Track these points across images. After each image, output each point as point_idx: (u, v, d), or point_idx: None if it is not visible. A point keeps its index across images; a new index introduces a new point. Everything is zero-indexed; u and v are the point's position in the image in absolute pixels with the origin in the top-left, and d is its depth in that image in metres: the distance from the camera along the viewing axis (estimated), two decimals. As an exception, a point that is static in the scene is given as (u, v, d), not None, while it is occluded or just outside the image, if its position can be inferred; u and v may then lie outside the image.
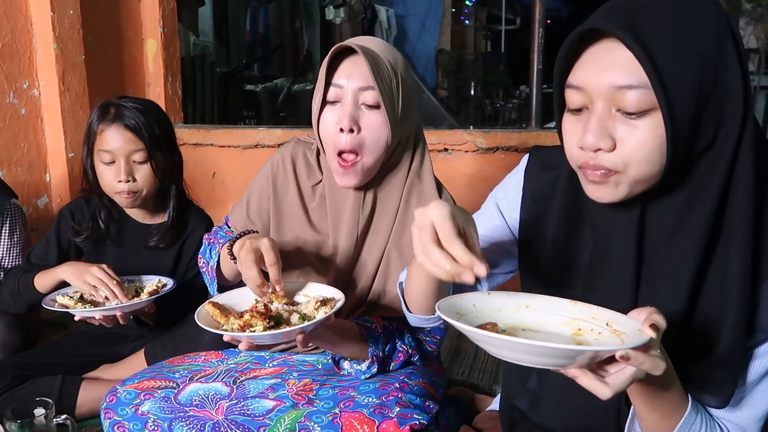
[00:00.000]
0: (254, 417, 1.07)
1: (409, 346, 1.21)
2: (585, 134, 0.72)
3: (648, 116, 0.69)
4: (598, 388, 0.65)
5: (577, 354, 0.62)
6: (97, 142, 1.57)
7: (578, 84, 0.73)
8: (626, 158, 0.71)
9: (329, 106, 1.15)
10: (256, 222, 1.27)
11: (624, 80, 0.68)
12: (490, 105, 8.26)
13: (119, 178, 1.55)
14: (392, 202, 1.21)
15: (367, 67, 1.08)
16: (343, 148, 1.12)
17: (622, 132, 0.71)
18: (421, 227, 0.72)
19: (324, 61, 1.12)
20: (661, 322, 0.66)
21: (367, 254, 1.22)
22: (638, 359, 0.62)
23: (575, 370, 0.65)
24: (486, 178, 2.58)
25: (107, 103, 1.59)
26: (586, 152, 0.73)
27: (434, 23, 8.64)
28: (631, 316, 0.70)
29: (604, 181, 0.73)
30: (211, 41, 6.30)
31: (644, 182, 0.73)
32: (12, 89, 2.42)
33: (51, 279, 1.53)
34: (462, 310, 0.78)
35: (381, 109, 1.11)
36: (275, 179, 1.26)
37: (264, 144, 2.85)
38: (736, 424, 0.79)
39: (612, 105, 0.71)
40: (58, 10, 2.46)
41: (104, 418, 1.14)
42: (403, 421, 1.02)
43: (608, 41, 0.70)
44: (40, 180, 2.58)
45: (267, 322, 0.96)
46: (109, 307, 1.42)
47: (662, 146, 0.69)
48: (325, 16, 7.37)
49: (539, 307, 0.79)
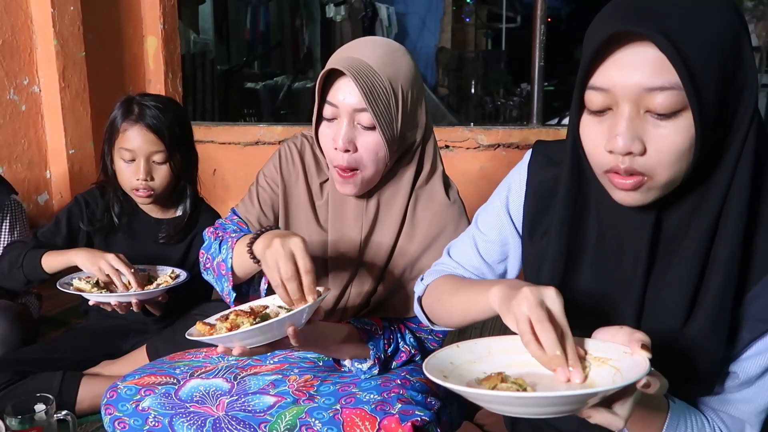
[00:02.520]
0: (255, 413, 1.07)
1: (411, 346, 1.20)
2: (614, 138, 0.70)
3: (678, 117, 0.68)
4: (612, 421, 0.66)
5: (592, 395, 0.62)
6: (118, 140, 1.59)
7: (603, 86, 0.71)
8: (657, 161, 0.70)
9: (325, 122, 1.13)
10: (269, 215, 1.25)
11: (654, 82, 0.67)
12: (490, 103, 8.26)
13: (138, 176, 1.58)
14: (398, 205, 1.20)
15: (358, 92, 1.05)
16: (339, 165, 1.11)
17: (652, 134, 0.69)
18: (535, 306, 0.69)
19: (318, 79, 1.10)
20: (646, 339, 0.66)
21: (372, 256, 1.21)
22: (656, 384, 0.64)
23: (588, 410, 0.66)
24: (487, 175, 2.58)
25: (130, 100, 1.61)
26: (616, 156, 0.71)
27: (435, 21, 8.64)
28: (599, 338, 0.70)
29: (636, 189, 0.72)
30: (212, 39, 6.30)
31: (673, 184, 0.72)
32: (12, 86, 2.41)
33: (61, 261, 1.53)
34: (445, 370, 0.73)
35: (377, 130, 1.09)
36: (284, 172, 1.24)
37: (264, 141, 2.85)
38: (737, 417, 0.78)
39: (641, 107, 0.69)
40: (59, 6, 2.46)
41: (105, 413, 1.14)
42: (404, 418, 1.02)
43: (636, 42, 0.68)
44: (40, 177, 2.58)
45: (254, 318, 0.94)
46: (126, 294, 1.43)
47: (691, 147, 0.69)
48: (326, 14, 7.38)
49: (515, 348, 0.74)
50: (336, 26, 7.56)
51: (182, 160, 1.63)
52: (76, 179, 2.60)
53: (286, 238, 0.97)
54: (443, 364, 0.73)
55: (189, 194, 1.69)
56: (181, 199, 1.70)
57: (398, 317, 1.21)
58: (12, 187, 1.83)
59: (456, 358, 0.75)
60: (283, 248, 0.95)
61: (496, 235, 0.96)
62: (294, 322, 0.94)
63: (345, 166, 1.11)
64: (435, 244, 1.18)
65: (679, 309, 0.76)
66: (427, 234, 1.18)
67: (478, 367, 0.75)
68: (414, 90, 1.13)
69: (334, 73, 1.09)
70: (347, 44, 1.15)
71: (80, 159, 2.65)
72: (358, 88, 1.04)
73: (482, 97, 8.46)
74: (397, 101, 1.10)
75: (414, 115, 1.15)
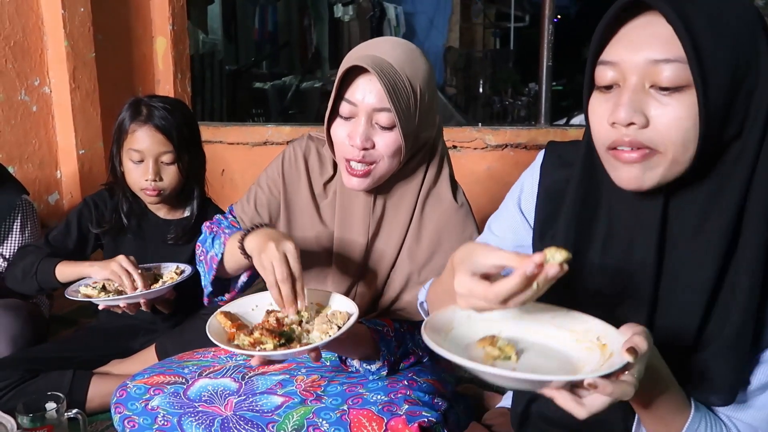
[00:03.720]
0: (263, 413, 1.07)
1: (419, 349, 1.20)
2: (617, 108, 0.71)
3: (682, 93, 0.69)
4: (573, 409, 0.65)
5: (547, 382, 0.64)
6: (127, 141, 1.61)
7: (612, 59, 0.72)
8: (663, 134, 0.70)
9: (341, 119, 1.12)
10: (263, 215, 1.26)
11: (661, 54, 0.68)
12: (498, 102, 8.23)
13: (147, 177, 1.59)
14: (405, 206, 1.20)
15: (383, 90, 1.05)
16: (353, 159, 1.11)
17: (655, 109, 0.70)
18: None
19: (338, 75, 1.10)
20: (642, 345, 0.64)
21: (378, 257, 1.21)
22: (606, 389, 0.63)
23: (551, 392, 0.66)
24: (495, 175, 2.57)
25: (138, 101, 1.62)
26: (618, 129, 0.72)
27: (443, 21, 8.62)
28: (622, 331, 0.69)
29: (642, 162, 0.71)
30: (220, 39, 6.31)
31: (678, 166, 0.71)
32: (23, 86, 2.43)
33: (75, 272, 1.56)
34: (455, 322, 0.78)
35: (395, 129, 1.09)
36: (286, 174, 1.25)
37: (273, 141, 2.86)
38: (749, 424, 0.78)
39: (646, 80, 0.70)
40: (69, 7, 2.48)
41: (114, 412, 1.15)
42: (411, 419, 1.02)
43: (646, 17, 0.70)
44: (51, 177, 2.60)
45: (278, 340, 0.94)
46: (133, 295, 1.46)
47: (695, 126, 0.69)
48: (334, 13, 7.37)
49: (537, 317, 0.78)
50: (344, 26, 7.55)
51: (190, 160, 1.64)
52: (86, 179, 2.62)
53: (280, 242, 0.99)
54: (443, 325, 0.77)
55: (197, 195, 1.70)
56: (189, 200, 1.72)
57: (407, 320, 1.21)
58: (23, 187, 1.85)
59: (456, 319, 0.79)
60: (278, 251, 0.97)
61: (511, 237, 0.95)
62: (318, 348, 0.94)
63: (360, 160, 1.10)
64: (442, 247, 1.17)
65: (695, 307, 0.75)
66: (434, 236, 1.18)
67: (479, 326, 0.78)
68: (430, 90, 1.14)
69: (352, 72, 1.09)
70: (364, 43, 1.14)
71: (90, 159, 2.67)
72: (382, 85, 1.04)
73: (490, 96, 8.43)
74: (416, 100, 1.10)
75: (428, 115, 1.15)
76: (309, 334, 0.98)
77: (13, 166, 2.41)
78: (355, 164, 1.11)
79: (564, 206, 0.86)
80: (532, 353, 0.75)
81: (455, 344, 0.75)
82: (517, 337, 0.77)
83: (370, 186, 1.14)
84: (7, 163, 2.36)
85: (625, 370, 0.64)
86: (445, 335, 0.76)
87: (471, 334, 0.77)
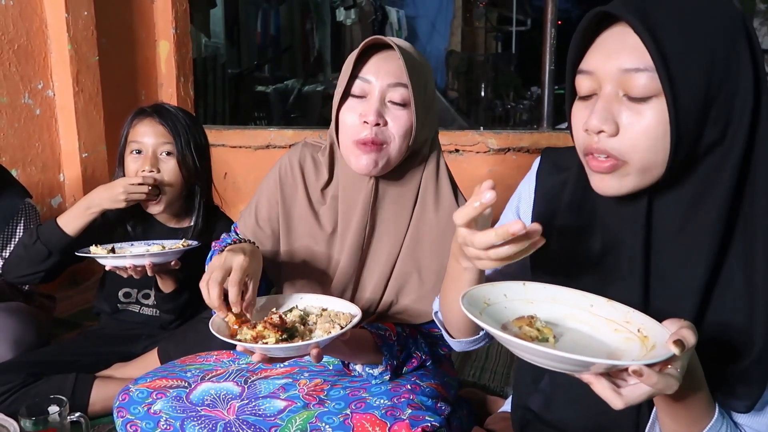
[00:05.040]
0: (265, 417, 1.07)
1: (423, 353, 1.20)
2: (590, 116, 0.73)
3: (653, 102, 0.70)
4: (610, 398, 0.63)
5: (590, 364, 0.62)
6: (129, 136, 1.61)
7: (588, 69, 0.74)
8: (630, 144, 0.71)
9: (352, 99, 1.13)
10: (265, 228, 1.26)
11: (632, 63, 0.69)
12: (500, 106, 8.24)
13: (144, 167, 1.57)
14: (405, 208, 1.20)
15: (402, 65, 1.07)
16: (365, 139, 1.10)
17: (626, 117, 0.71)
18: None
19: (353, 54, 1.11)
20: (690, 338, 0.63)
21: (378, 259, 1.21)
22: (651, 378, 0.60)
23: (589, 377, 0.64)
24: (497, 179, 2.56)
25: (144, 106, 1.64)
26: (591, 136, 0.74)
27: (445, 24, 8.63)
28: (666, 325, 0.68)
29: (609, 173, 0.74)
30: (223, 43, 6.33)
31: (650, 172, 0.72)
32: (27, 90, 2.44)
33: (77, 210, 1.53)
34: (491, 299, 0.78)
35: (409, 107, 1.10)
36: (283, 184, 1.25)
37: (275, 144, 2.86)
38: (757, 431, 0.77)
39: (619, 89, 0.72)
40: (73, 11, 2.49)
41: (117, 416, 1.14)
42: (414, 423, 1.02)
43: (621, 25, 0.71)
44: (54, 180, 2.61)
45: (280, 334, 0.94)
46: (140, 254, 1.43)
47: (666, 134, 0.70)
48: (336, 17, 7.39)
49: (574, 303, 0.78)
50: (346, 30, 7.57)
51: (192, 160, 1.62)
52: (89, 182, 2.63)
53: (233, 254, 1.00)
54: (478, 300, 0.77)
55: (202, 202, 1.69)
56: (194, 208, 1.70)
57: (408, 323, 1.21)
58: (26, 191, 1.85)
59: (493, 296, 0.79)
60: (225, 261, 0.99)
61: None
62: (319, 345, 0.94)
63: (371, 139, 1.10)
64: (442, 248, 1.17)
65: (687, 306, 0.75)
66: (434, 237, 1.18)
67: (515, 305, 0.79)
68: (432, 85, 1.17)
69: (365, 53, 1.11)
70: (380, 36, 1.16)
71: (93, 162, 2.68)
72: (402, 59, 1.06)
73: (492, 100, 8.44)
74: (426, 87, 1.13)
75: (430, 109, 1.17)
76: (312, 333, 0.98)
77: (17, 169, 2.42)
78: (368, 144, 1.11)
79: (560, 209, 0.87)
80: (569, 338, 0.75)
81: (492, 320, 0.74)
82: (554, 321, 0.77)
83: (379, 169, 1.13)
84: (11, 166, 2.37)
85: (668, 363, 0.62)
86: (481, 310, 0.76)
87: (507, 314, 0.77)
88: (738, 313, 0.73)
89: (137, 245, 1.59)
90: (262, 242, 1.25)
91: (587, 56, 0.75)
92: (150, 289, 1.70)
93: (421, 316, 1.20)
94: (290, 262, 1.25)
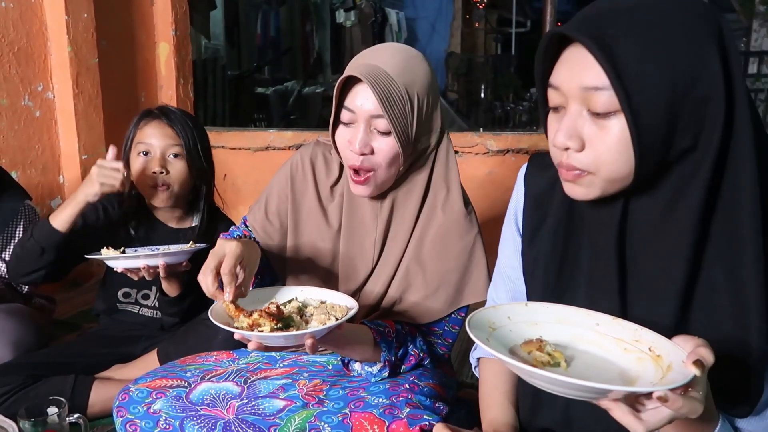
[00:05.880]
0: (265, 417, 1.07)
1: (420, 350, 1.20)
2: (556, 133, 0.74)
3: (615, 117, 0.70)
4: (631, 423, 0.61)
5: (609, 391, 0.60)
6: (136, 137, 1.61)
7: (555, 84, 0.75)
8: (595, 159, 0.73)
9: (342, 126, 1.16)
10: (274, 222, 1.28)
11: (592, 81, 0.70)
12: (500, 107, 8.25)
13: (154, 169, 1.58)
14: (411, 208, 1.21)
15: (375, 99, 1.08)
16: (354, 166, 1.14)
17: (590, 132, 0.72)
18: None
19: (337, 85, 1.13)
20: (708, 358, 0.61)
21: (384, 259, 1.22)
22: (676, 404, 0.58)
23: (608, 403, 0.62)
24: (496, 180, 2.57)
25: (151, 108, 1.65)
26: (560, 151, 0.75)
27: (444, 26, 8.64)
28: (678, 342, 0.66)
29: (577, 181, 0.76)
30: (222, 44, 6.34)
31: (617, 182, 0.74)
32: (27, 92, 2.45)
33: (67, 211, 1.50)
34: (495, 323, 0.76)
35: (392, 136, 1.11)
36: (294, 180, 1.27)
37: (274, 146, 2.87)
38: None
39: (583, 105, 0.72)
40: (73, 13, 2.49)
41: (117, 416, 1.15)
42: (413, 422, 1.02)
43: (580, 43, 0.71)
44: (53, 182, 2.61)
45: (275, 323, 0.96)
46: (153, 253, 1.43)
47: (629, 148, 0.70)
48: (336, 19, 7.40)
49: (580, 322, 0.76)
50: (346, 31, 7.58)
51: (202, 164, 1.64)
52: (89, 184, 2.63)
53: (226, 243, 1.03)
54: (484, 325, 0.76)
55: (204, 202, 1.70)
56: (197, 209, 1.71)
57: (411, 322, 1.21)
58: (26, 192, 1.85)
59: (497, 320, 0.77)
60: (218, 248, 1.02)
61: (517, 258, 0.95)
62: (315, 335, 0.95)
63: (359, 167, 1.13)
64: (446, 249, 1.18)
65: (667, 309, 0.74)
66: (439, 238, 1.19)
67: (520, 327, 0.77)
68: (429, 96, 1.16)
69: (352, 79, 1.12)
70: (366, 50, 1.17)
71: (93, 164, 2.68)
72: (375, 94, 1.07)
73: (492, 101, 8.45)
74: (413, 107, 1.12)
75: (429, 121, 1.17)
76: (308, 324, 0.99)
77: (16, 171, 2.42)
78: (355, 172, 1.15)
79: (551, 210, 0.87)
80: (582, 362, 0.72)
81: (499, 345, 0.72)
82: (562, 344, 0.75)
83: (373, 193, 1.17)
84: (11, 168, 2.37)
85: (689, 386, 0.60)
86: (488, 336, 0.74)
87: (513, 337, 0.75)
88: (725, 316, 0.72)
89: (141, 251, 1.58)
90: (271, 235, 1.28)
91: (555, 71, 0.75)
92: (149, 290, 1.70)
93: (424, 316, 1.20)
94: (296, 257, 1.26)
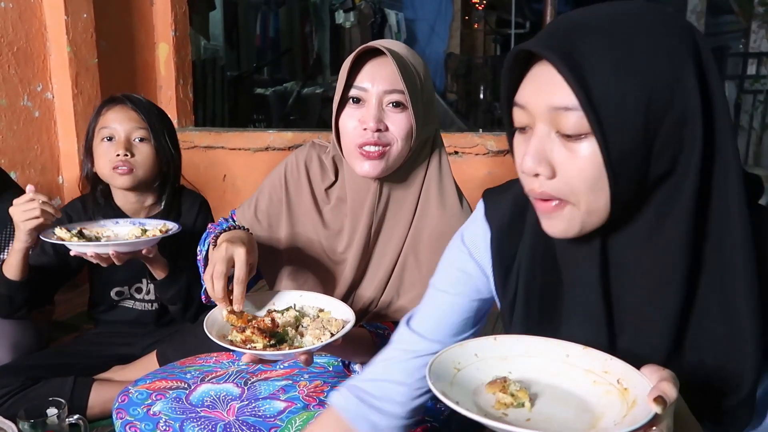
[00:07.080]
0: (265, 418, 1.07)
1: None
2: (524, 157, 0.68)
3: (586, 140, 0.64)
4: None
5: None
6: (99, 123, 1.56)
7: (522, 103, 0.69)
8: (568, 187, 0.66)
9: (350, 107, 1.13)
10: (262, 221, 1.27)
11: (561, 101, 0.64)
12: (499, 108, 8.25)
13: (117, 151, 1.52)
14: (407, 207, 1.20)
15: (395, 70, 1.07)
16: (368, 142, 1.10)
17: (560, 157, 0.66)
18: None
19: (346, 62, 1.11)
20: (671, 393, 0.58)
21: (380, 257, 1.21)
22: None
23: None
24: (496, 181, 2.56)
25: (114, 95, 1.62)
26: (530, 178, 0.69)
27: (444, 27, 8.65)
28: (645, 373, 0.63)
29: (553, 215, 0.69)
30: (222, 45, 6.35)
31: (594, 214, 0.67)
32: (26, 92, 2.44)
33: (12, 256, 1.44)
34: (461, 363, 0.73)
35: (407, 110, 1.11)
36: (288, 182, 1.26)
37: (274, 147, 2.86)
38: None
39: (552, 127, 0.66)
40: (72, 14, 2.49)
41: (116, 418, 1.14)
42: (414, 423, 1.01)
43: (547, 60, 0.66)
44: (53, 182, 2.61)
45: (268, 340, 0.94)
46: (104, 243, 1.35)
47: (602, 174, 0.64)
48: (335, 20, 7.40)
49: (549, 354, 0.73)
50: (345, 32, 7.59)
51: (167, 149, 1.59)
52: (88, 185, 2.63)
53: (234, 245, 1.01)
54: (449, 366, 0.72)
55: (168, 188, 1.64)
56: (162, 196, 1.65)
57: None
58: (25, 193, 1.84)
59: (463, 359, 0.74)
60: (226, 252, 1.00)
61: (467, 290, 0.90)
62: (309, 352, 0.94)
63: (375, 142, 1.10)
64: (443, 246, 1.18)
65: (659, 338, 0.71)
66: (435, 235, 1.18)
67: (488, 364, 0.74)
68: (429, 84, 1.17)
69: (359, 61, 1.11)
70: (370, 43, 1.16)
71: (92, 165, 2.68)
72: (395, 64, 1.06)
73: (491, 102, 8.45)
74: (422, 86, 1.13)
75: (430, 107, 1.17)
76: (302, 338, 0.98)
77: (15, 171, 2.42)
78: (369, 147, 1.11)
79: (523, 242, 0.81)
80: (547, 398, 0.70)
81: (463, 389, 0.70)
82: (530, 378, 0.72)
83: (383, 171, 1.13)
84: (9, 169, 2.37)
85: (653, 424, 0.58)
86: (452, 379, 0.71)
87: (481, 375, 0.72)
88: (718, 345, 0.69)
89: (122, 223, 1.52)
90: (257, 234, 1.26)
91: (521, 88, 0.69)
92: (140, 282, 1.68)
93: None
94: (292, 259, 1.25)
